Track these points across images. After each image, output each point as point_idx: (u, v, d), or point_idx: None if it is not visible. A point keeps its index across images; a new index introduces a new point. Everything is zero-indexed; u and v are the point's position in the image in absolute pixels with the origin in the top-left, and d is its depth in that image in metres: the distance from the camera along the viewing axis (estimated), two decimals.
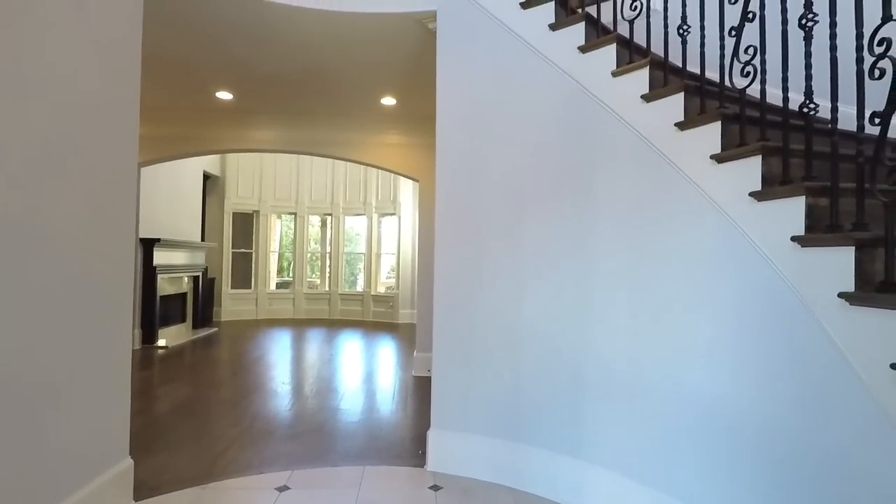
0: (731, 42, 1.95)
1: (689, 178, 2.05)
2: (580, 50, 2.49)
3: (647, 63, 2.24)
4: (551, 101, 2.60)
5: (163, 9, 2.98)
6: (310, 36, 3.34)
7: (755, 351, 1.80)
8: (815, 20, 1.64)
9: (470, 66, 2.87)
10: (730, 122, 1.98)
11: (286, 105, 4.88)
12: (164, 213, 6.78)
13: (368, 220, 9.73)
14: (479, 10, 2.83)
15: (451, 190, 2.89)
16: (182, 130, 5.16)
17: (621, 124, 2.32)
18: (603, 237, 2.38)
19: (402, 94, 4.52)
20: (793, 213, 1.69)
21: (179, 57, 3.76)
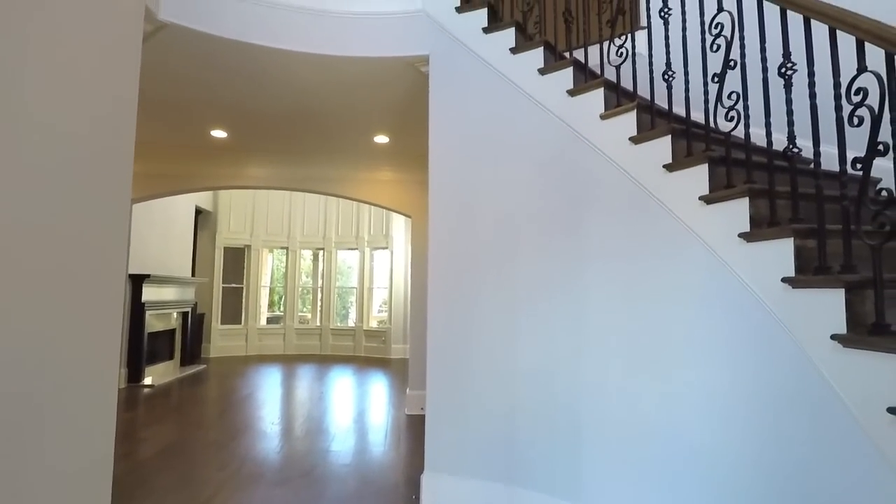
0: (715, 87, 2.02)
1: (679, 219, 2.09)
2: (569, 93, 2.56)
3: (634, 106, 2.31)
4: (542, 141, 2.65)
5: (159, 51, 3.03)
6: (304, 77, 3.41)
7: (751, 392, 1.79)
8: (794, 69, 1.71)
9: (462, 108, 2.93)
10: (716, 165, 2.02)
11: (280, 143, 4.94)
12: (154, 249, 6.74)
13: (361, 254, 9.73)
14: (469, 54, 2.91)
15: (444, 230, 2.91)
16: (176, 168, 5.19)
17: (611, 165, 2.37)
18: (595, 276, 2.39)
19: (396, 133, 4.59)
20: (782, 254, 1.71)
21: (175, 97, 3.81)
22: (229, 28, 2.87)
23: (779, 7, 1.74)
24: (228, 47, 2.97)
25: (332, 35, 3.04)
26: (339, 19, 3.07)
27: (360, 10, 3.08)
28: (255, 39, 2.92)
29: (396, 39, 3.07)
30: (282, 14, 3.00)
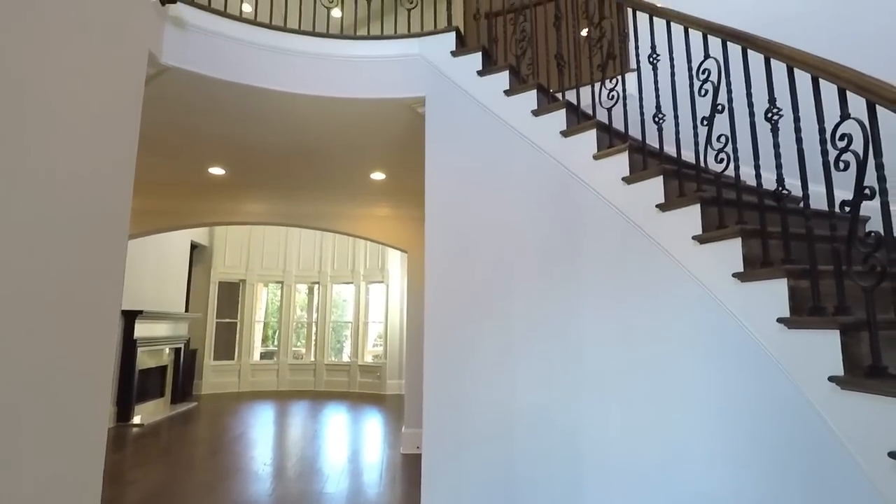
0: (704, 130, 2.07)
1: (673, 258, 2.11)
2: (562, 134, 2.61)
3: (626, 148, 2.36)
4: (537, 180, 2.69)
5: (161, 93, 3.09)
6: (303, 117, 3.47)
7: (751, 434, 1.78)
8: (780, 114, 1.76)
9: (457, 148, 2.98)
10: (708, 205, 2.06)
11: (277, 179, 4.98)
12: (148, 284, 6.70)
13: (356, 288, 9.69)
14: (465, 95, 2.98)
15: (440, 267, 2.92)
16: (173, 204, 5.22)
17: (605, 204, 2.40)
18: (592, 315, 2.39)
19: (392, 169, 4.65)
20: (776, 294, 1.73)
21: (174, 136, 3.87)
22: (231, 71, 2.94)
23: (763, 56, 1.81)
24: (229, 89, 3.04)
25: (331, 77, 3.12)
26: (339, 62, 3.15)
27: (359, 53, 3.17)
28: (256, 82, 2.99)
29: (394, 82, 3.15)
30: (283, 57, 3.08)
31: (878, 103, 1.39)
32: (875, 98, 1.39)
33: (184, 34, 2.85)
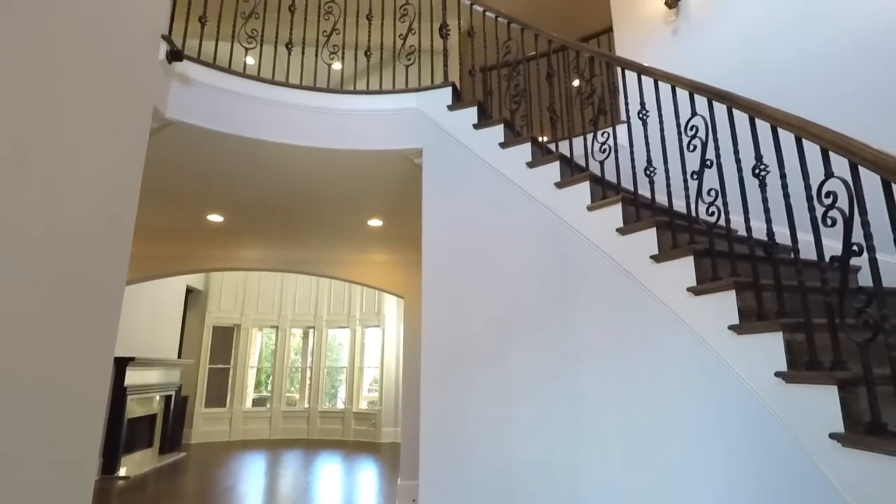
0: (695, 183, 2.13)
1: (669, 309, 2.12)
2: (557, 186, 2.67)
3: (619, 199, 2.41)
4: (532, 230, 2.73)
5: (163, 145, 3.15)
6: (302, 168, 3.54)
7: (752, 491, 1.74)
8: (767, 171, 1.82)
9: (453, 198, 3.04)
10: (701, 257, 2.09)
11: (275, 226, 5.03)
12: (141, 330, 6.63)
13: (352, 333, 9.60)
14: (461, 147, 3.06)
15: (437, 316, 2.91)
16: (170, 250, 5.23)
17: (600, 255, 2.43)
18: (590, 367, 2.38)
19: (389, 216, 4.71)
20: (773, 347, 1.73)
21: (174, 185, 3.92)
22: (233, 124, 3.02)
23: (747, 115, 1.88)
24: (231, 141, 3.11)
25: (331, 130, 3.20)
26: (338, 115, 3.24)
27: (358, 107, 3.27)
28: (257, 135, 3.07)
29: (392, 134, 3.24)
30: (284, 111, 3.17)
31: (859, 164, 1.44)
32: (856, 158, 1.44)
33: (188, 89, 2.95)
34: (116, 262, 2.36)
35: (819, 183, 1.57)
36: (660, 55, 3.59)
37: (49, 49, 1.85)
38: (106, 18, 2.21)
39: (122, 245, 2.41)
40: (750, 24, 3.10)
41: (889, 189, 1.38)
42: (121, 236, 2.40)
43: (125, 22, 2.37)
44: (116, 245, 2.36)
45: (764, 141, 1.88)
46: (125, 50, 2.37)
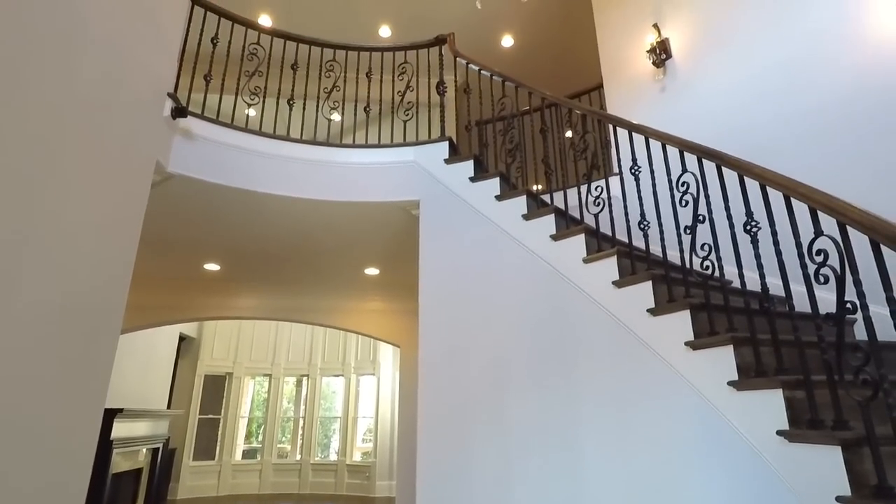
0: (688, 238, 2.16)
1: (668, 363, 2.11)
2: (552, 238, 2.71)
3: (614, 252, 2.44)
4: (529, 282, 2.74)
5: (164, 197, 3.19)
6: (301, 219, 3.58)
7: None
8: (758, 227, 1.85)
9: (450, 249, 3.06)
10: (697, 310, 2.10)
11: (272, 274, 5.03)
12: (131, 380, 6.48)
13: (346, 381, 9.42)
14: (458, 199, 3.12)
15: (434, 368, 2.88)
16: (166, 299, 5.20)
17: (597, 307, 2.44)
18: (589, 423, 2.34)
19: (386, 265, 4.73)
20: (773, 405, 1.72)
21: (173, 236, 3.95)
22: (233, 177, 3.08)
23: (736, 173, 1.94)
24: (231, 194, 3.16)
25: (330, 183, 3.26)
26: (337, 168, 3.31)
27: (357, 160, 3.35)
28: (257, 187, 3.12)
29: (390, 186, 3.30)
30: (284, 164, 3.24)
31: (846, 224, 1.48)
32: (844, 219, 1.48)
33: (191, 143, 3.01)
34: (112, 312, 2.35)
35: (809, 241, 1.60)
36: (649, 111, 3.72)
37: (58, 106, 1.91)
38: (114, 77, 2.29)
39: (118, 295, 2.40)
40: (734, 84, 3.23)
41: (878, 249, 1.40)
42: (118, 286, 2.40)
43: (133, 80, 2.45)
44: (113, 294, 2.35)
45: (754, 197, 1.92)
46: (131, 107, 2.44)
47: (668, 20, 3.70)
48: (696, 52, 3.49)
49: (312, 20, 5.25)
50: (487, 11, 5.12)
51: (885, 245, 1.37)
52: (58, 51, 1.89)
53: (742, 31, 3.23)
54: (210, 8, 3.34)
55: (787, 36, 2.93)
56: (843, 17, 2.65)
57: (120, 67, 2.33)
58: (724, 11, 3.35)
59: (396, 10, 5.29)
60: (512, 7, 4.92)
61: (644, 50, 3.75)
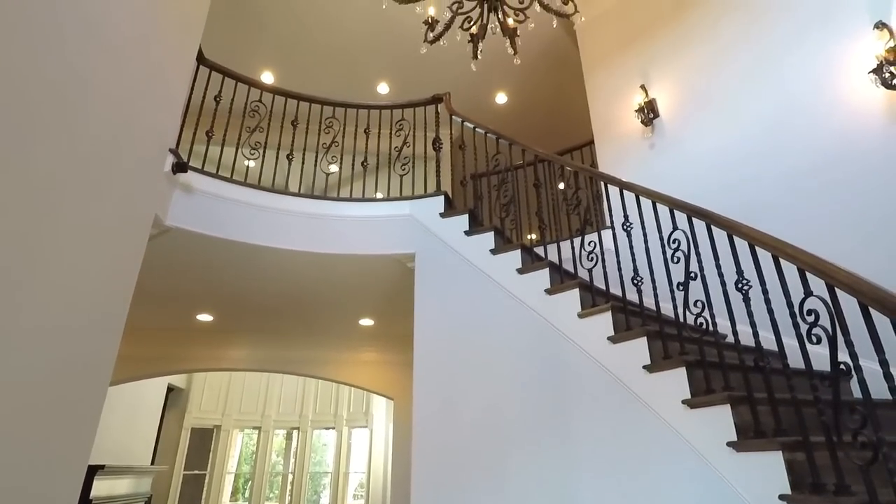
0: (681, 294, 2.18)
1: (666, 422, 2.08)
2: (547, 292, 2.72)
3: (608, 308, 2.45)
4: (524, 336, 2.73)
5: (161, 250, 3.20)
6: (296, 271, 3.59)
7: None
8: (749, 285, 1.88)
9: (445, 302, 3.07)
10: (693, 368, 2.09)
11: (264, 325, 4.98)
12: (115, 434, 6.27)
13: (338, 434, 9.16)
14: (453, 253, 3.15)
15: (428, 420, 2.83)
16: (157, 350, 5.12)
17: (593, 362, 2.42)
18: (588, 482, 2.27)
19: (381, 316, 4.70)
20: (774, 467, 1.69)
21: (168, 287, 3.94)
22: (231, 230, 3.11)
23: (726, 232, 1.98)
24: (227, 246, 3.18)
25: (326, 236, 3.30)
26: (334, 222, 3.36)
27: (354, 214, 3.40)
28: (254, 240, 3.15)
29: (386, 240, 3.34)
30: (281, 217, 3.28)
31: (834, 286, 1.51)
32: (832, 281, 1.51)
33: (189, 196, 3.06)
34: (101, 367, 2.31)
35: (800, 300, 1.62)
36: (639, 167, 3.83)
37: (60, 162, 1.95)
38: (118, 134, 2.34)
39: (109, 349, 2.37)
40: (720, 144, 3.34)
41: (867, 312, 1.42)
42: (109, 341, 2.37)
43: (136, 137, 2.51)
44: (103, 349, 2.32)
45: (744, 256, 1.95)
46: (133, 163, 2.49)
47: (654, 82, 3.87)
48: (682, 113, 3.63)
49: (314, 76, 5.45)
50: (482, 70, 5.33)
51: (873, 308, 1.39)
52: (64, 108, 1.95)
53: (724, 95, 3.38)
54: (215, 68, 3.47)
55: (768, 100, 3.06)
56: (818, 83, 2.78)
57: (124, 125, 2.39)
58: (705, 77, 3.52)
59: (395, 69, 5.51)
60: (506, 67, 5.13)
61: (633, 109, 3.90)
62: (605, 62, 4.40)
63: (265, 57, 5.31)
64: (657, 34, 3.95)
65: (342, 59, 5.37)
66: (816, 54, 2.84)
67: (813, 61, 2.85)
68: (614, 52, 4.31)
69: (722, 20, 3.47)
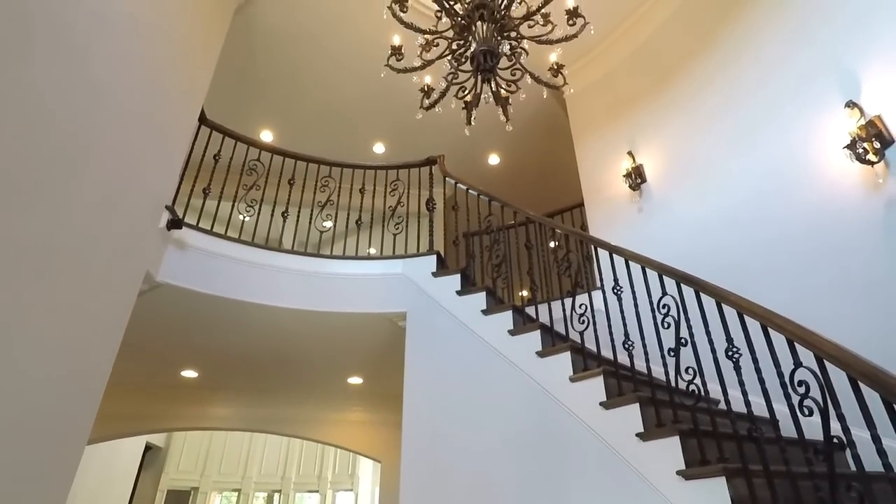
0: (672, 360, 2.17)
1: (661, 494, 2.02)
2: (538, 355, 2.70)
3: (600, 372, 2.43)
4: (516, 399, 2.69)
5: (150, 305, 3.17)
6: (286, 328, 3.55)
7: None
8: (739, 353, 1.88)
9: (436, 362, 3.03)
10: (687, 436, 2.05)
11: (250, 382, 4.86)
12: (85, 495, 5.95)
13: (322, 498, 8.75)
14: (444, 312, 3.14)
15: (417, 484, 2.74)
16: (137, 408, 4.95)
17: (585, 428, 2.37)
18: None
19: (370, 374, 4.62)
20: None
21: (154, 343, 3.87)
22: (221, 287, 3.10)
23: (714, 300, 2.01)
24: (217, 303, 3.16)
25: (318, 293, 3.29)
26: (326, 279, 3.36)
27: (347, 271, 3.41)
28: (244, 297, 3.13)
29: (378, 298, 3.33)
30: (273, 274, 3.28)
31: (823, 357, 1.52)
32: (820, 352, 1.52)
33: (182, 252, 3.06)
34: (80, 422, 2.23)
35: (790, 371, 1.62)
36: (629, 229, 3.90)
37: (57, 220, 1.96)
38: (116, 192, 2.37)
39: (88, 408, 2.30)
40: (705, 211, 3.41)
41: (856, 385, 1.43)
42: (89, 399, 2.31)
43: (134, 194, 2.55)
44: (83, 408, 2.25)
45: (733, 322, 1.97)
46: (129, 219, 2.51)
47: (641, 148, 4.02)
48: (668, 179, 3.75)
49: (312, 135, 5.61)
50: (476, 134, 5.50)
51: (861, 382, 1.40)
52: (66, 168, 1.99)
53: (708, 163, 3.50)
54: (216, 128, 3.57)
55: (750, 169, 3.18)
56: (795, 156, 2.90)
57: (123, 183, 2.43)
58: (689, 145, 3.66)
59: (391, 130, 5.69)
60: (498, 131, 5.31)
61: (621, 174, 4.02)
62: (593, 129, 4.58)
63: (265, 116, 5.48)
64: (642, 104, 4.14)
65: (339, 120, 5.54)
66: (792, 128, 2.97)
67: (789, 134, 2.98)
68: (602, 119, 4.50)
69: (702, 93, 3.65)
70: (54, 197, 1.94)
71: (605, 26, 4.35)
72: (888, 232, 2.44)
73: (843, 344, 1.54)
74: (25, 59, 1.73)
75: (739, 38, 3.45)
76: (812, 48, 2.94)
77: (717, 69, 3.58)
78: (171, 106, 2.88)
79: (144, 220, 2.69)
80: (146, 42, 2.53)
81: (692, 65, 3.78)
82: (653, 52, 4.19)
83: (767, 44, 3.24)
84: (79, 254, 2.12)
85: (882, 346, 2.33)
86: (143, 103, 2.54)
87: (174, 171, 3.03)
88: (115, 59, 2.26)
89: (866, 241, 2.51)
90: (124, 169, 2.43)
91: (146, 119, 2.59)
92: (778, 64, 3.14)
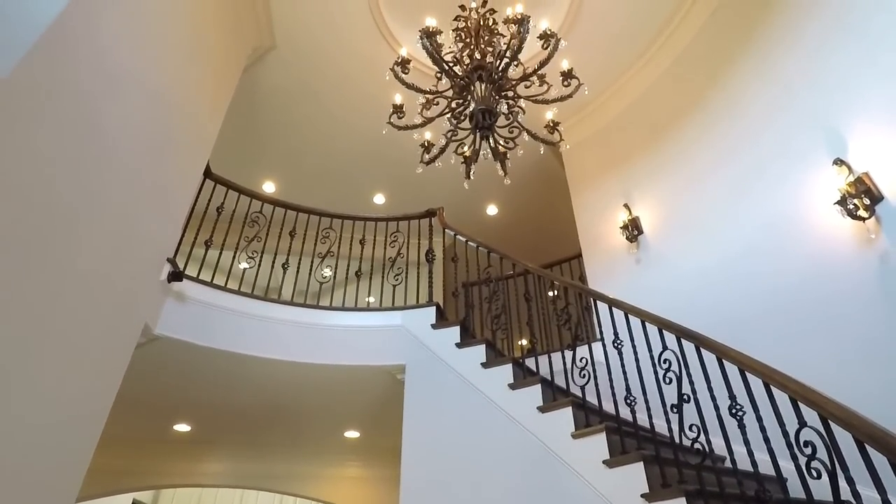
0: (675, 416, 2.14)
1: None
2: (539, 410, 2.65)
3: (602, 429, 2.38)
4: (517, 455, 2.62)
5: (146, 358, 3.12)
6: (283, 381, 3.50)
7: None
8: (743, 411, 1.86)
9: (435, 415, 2.97)
10: (693, 498, 1.99)
11: (244, 437, 4.74)
12: None
13: None
14: (444, 365, 3.11)
15: None
16: (127, 463, 4.79)
17: (589, 489, 2.30)
18: None
19: (367, 428, 4.51)
20: None
21: (148, 396, 3.79)
22: (219, 340, 3.08)
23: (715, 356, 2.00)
24: (215, 355, 3.12)
25: (317, 345, 3.27)
26: (325, 331, 3.34)
27: (346, 323, 3.40)
28: (242, 350, 3.11)
29: (376, 350, 3.31)
30: (271, 326, 3.27)
31: (827, 417, 1.50)
32: (823, 412, 1.50)
33: (181, 304, 3.06)
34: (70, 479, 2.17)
35: (795, 430, 1.60)
36: (627, 281, 3.92)
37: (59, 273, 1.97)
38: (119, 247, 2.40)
39: (78, 467, 2.24)
40: (702, 263, 3.42)
41: (862, 446, 1.41)
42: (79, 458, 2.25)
43: (136, 249, 2.57)
44: (72, 466, 2.19)
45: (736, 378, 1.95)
46: (130, 273, 2.52)
47: (636, 201, 4.09)
48: (664, 231, 3.80)
49: (314, 186, 5.71)
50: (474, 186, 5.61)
51: (867, 444, 1.38)
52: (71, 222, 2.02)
53: (702, 217, 3.54)
54: (220, 181, 3.64)
55: (743, 224, 3.22)
56: (786, 211, 2.95)
57: (126, 237, 2.46)
58: (684, 199, 3.72)
59: (391, 183, 5.81)
60: (496, 183, 5.41)
61: (618, 226, 4.08)
62: (589, 181, 4.67)
63: (268, 168, 5.60)
64: (636, 158, 4.25)
65: (341, 172, 5.67)
66: (781, 185, 3.03)
67: (778, 191, 3.03)
68: (598, 172, 4.60)
69: (693, 148, 3.75)
70: (59, 251, 1.96)
71: (598, 85, 4.52)
72: (885, 286, 2.45)
73: (844, 398, 1.53)
74: (35, 118, 1.79)
75: (727, 99, 3.58)
76: (798, 109, 3.05)
77: (706, 127, 3.70)
78: (177, 162, 2.95)
79: (146, 273, 2.70)
80: (156, 102, 2.63)
81: (683, 122, 3.91)
82: (645, 109, 4.34)
83: (754, 104, 3.36)
84: (79, 306, 2.12)
85: (883, 399, 2.29)
86: (151, 161, 2.61)
87: (177, 224, 3.08)
88: (125, 118, 2.34)
89: (861, 294, 2.52)
90: (129, 224, 2.46)
91: (152, 175, 2.65)
92: (765, 124, 3.25)
